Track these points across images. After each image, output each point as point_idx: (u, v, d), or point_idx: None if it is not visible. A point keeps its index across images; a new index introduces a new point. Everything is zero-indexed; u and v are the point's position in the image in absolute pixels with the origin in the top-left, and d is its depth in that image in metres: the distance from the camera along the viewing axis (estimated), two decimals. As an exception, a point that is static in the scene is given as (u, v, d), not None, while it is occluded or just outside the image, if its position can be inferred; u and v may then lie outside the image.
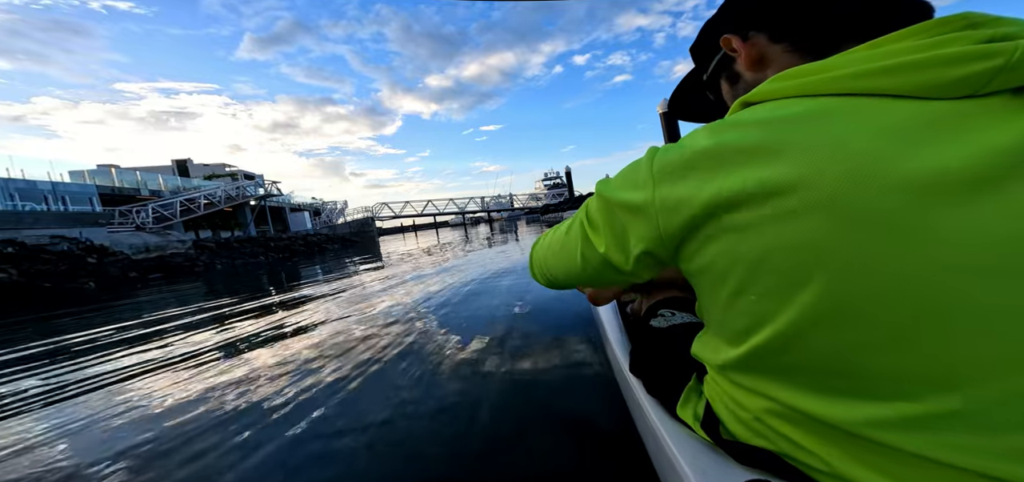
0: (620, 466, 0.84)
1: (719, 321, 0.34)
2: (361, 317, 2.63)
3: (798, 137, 0.26)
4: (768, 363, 0.31)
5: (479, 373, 1.46)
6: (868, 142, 0.24)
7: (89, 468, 1.10)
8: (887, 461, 0.27)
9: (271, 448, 1.09)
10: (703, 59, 0.46)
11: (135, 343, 2.60)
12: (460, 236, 14.86)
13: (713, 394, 0.42)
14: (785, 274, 0.27)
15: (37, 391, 1.81)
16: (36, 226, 10.88)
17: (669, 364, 0.58)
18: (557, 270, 0.49)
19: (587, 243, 0.40)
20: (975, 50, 0.24)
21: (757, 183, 0.27)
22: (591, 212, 0.39)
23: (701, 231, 0.30)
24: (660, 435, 0.50)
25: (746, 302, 0.30)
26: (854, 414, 0.27)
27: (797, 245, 0.26)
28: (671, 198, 0.30)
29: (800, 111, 0.27)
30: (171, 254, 10.69)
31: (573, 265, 0.43)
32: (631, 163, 0.36)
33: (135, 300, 5.10)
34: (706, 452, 0.43)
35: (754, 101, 0.32)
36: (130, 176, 19.78)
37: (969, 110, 0.24)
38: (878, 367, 0.26)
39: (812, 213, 0.25)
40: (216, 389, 1.57)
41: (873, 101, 0.26)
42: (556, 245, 0.48)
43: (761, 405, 0.34)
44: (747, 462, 0.38)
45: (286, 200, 25.31)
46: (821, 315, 0.26)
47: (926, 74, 0.24)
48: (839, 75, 0.27)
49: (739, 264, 0.29)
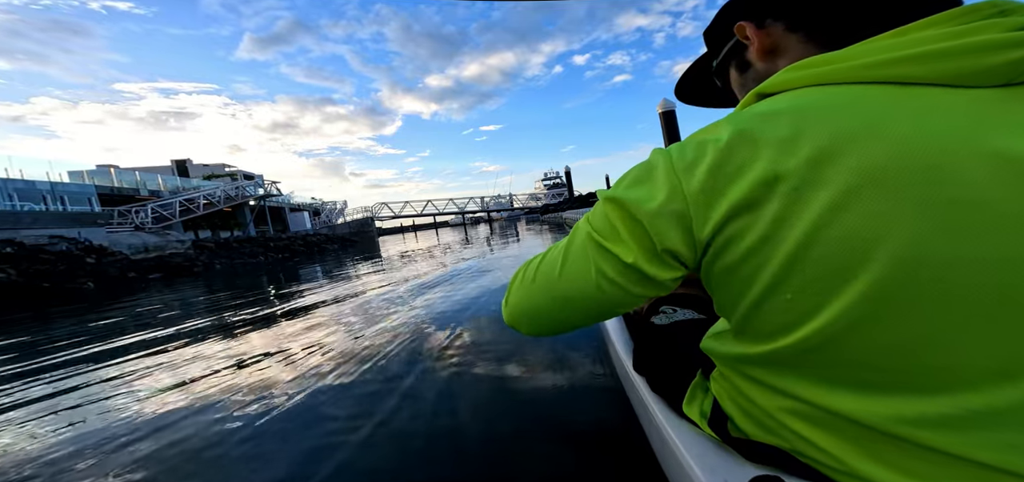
0: (625, 465, 0.83)
1: (744, 319, 0.32)
2: (360, 318, 2.62)
3: (834, 125, 0.25)
4: (797, 360, 0.30)
5: (481, 372, 1.45)
6: (918, 125, 0.23)
7: (90, 471, 1.09)
8: (912, 459, 0.26)
9: (273, 447, 1.08)
10: (715, 45, 0.45)
11: (137, 344, 2.59)
12: (460, 236, 14.87)
13: (721, 391, 0.41)
14: (829, 266, 0.25)
15: (40, 394, 1.79)
16: (35, 226, 10.87)
17: (673, 361, 0.57)
18: (557, 308, 0.39)
19: (606, 258, 0.34)
20: (1010, 37, 0.23)
21: (791, 176, 0.25)
22: (603, 224, 0.35)
23: (729, 227, 0.28)
24: (666, 433, 0.49)
25: (780, 300, 0.28)
26: (888, 411, 0.26)
27: (844, 235, 0.24)
28: (699, 195, 0.29)
29: (828, 99, 0.26)
30: (170, 254, 10.67)
31: (586, 293, 0.36)
32: (639, 166, 0.34)
33: (135, 300, 5.09)
34: (713, 449, 0.42)
35: (770, 91, 0.31)
36: (129, 176, 19.77)
37: (1008, 97, 0.23)
38: (925, 361, 0.25)
39: (861, 200, 0.24)
40: (216, 390, 1.56)
41: (911, 89, 0.25)
42: (551, 279, 0.38)
43: (777, 403, 0.33)
44: (756, 459, 0.37)
45: (286, 200, 25.31)
46: (870, 309, 0.25)
47: (959, 62, 0.24)
48: (865, 63, 0.26)
49: (772, 260, 0.27)
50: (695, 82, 0.53)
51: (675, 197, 0.30)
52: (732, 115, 0.31)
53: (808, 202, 0.25)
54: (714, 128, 0.30)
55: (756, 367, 0.34)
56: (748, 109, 0.30)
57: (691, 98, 0.57)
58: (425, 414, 1.19)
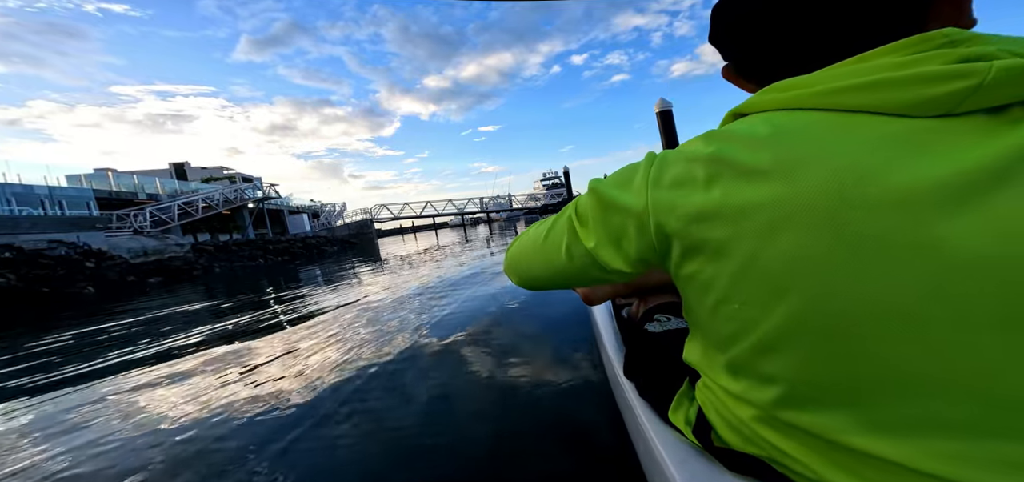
0: (610, 469, 0.85)
1: (705, 326, 0.35)
2: (359, 320, 2.63)
3: (783, 151, 0.27)
4: (751, 370, 0.32)
5: (471, 374, 1.47)
6: (850, 156, 0.25)
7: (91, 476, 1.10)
8: (868, 468, 0.27)
9: (274, 449, 1.09)
10: None
11: (147, 352, 2.59)
12: (459, 237, 14.83)
13: (705, 400, 0.42)
14: (766, 283, 0.27)
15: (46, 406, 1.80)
16: (33, 231, 10.83)
17: (663, 369, 0.58)
18: (537, 268, 0.47)
19: (574, 238, 0.39)
20: (950, 69, 0.24)
21: (742, 195, 0.27)
22: (582, 208, 0.39)
23: (689, 238, 0.30)
24: (651, 439, 0.50)
25: (729, 309, 0.30)
26: (832, 422, 0.28)
27: (778, 255, 0.26)
28: (664, 203, 0.31)
29: (786, 125, 0.28)
30: (169, 257, 10.65)
31: (556, 261, 0.42)
32: (628, 165, 0.36)
33: (136, 305, 5.08)
34: (696, 457, 0.43)
35: (745, 112, 0.33)
36: (127, 180, 19.70)
37: (944, 128, 0.24)
38: (853, 375, 0.26)
39: (793, 225, 0.25)
40: (217, 393, 1.57)
41: (856, 116, 0.26)
42: (537, 242, 0.46)
43: (749, 413, 0.34)
44: (737, 468, 0.39)
45: (284, 203, 25.22)
46: (795, 329, 0.27)
47: (903, 92, 0.25)
48: (824, 90, 0.27)
49: (723, 272, 0.29)
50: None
51: (638, 201, 0.33)
52: (710, 132, 0.33)
53: (754, 221, 0.27)
54: (694, 143, 0.32)
55: (724, 376, 0.36)
56: (723, 128, 0.32)
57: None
58: (417, 414, 1.21)
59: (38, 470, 1.16)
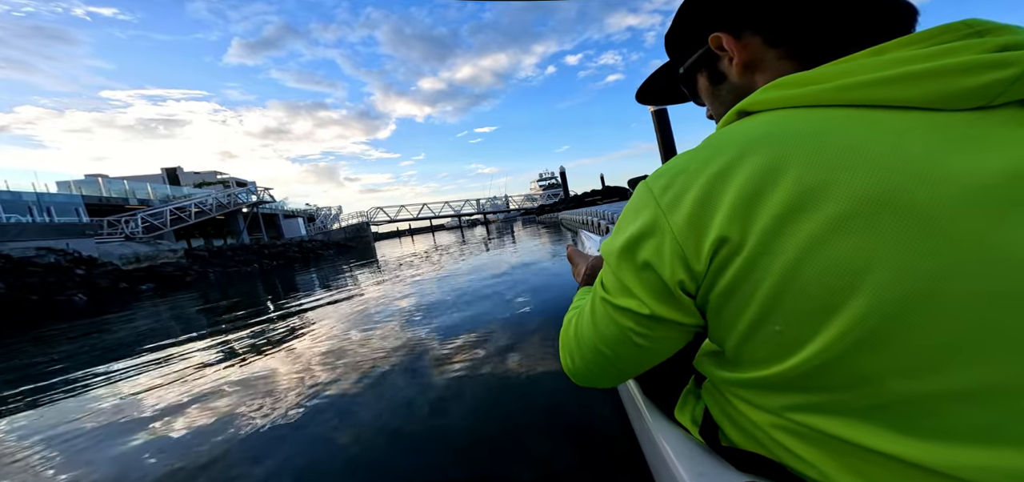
0: (616, 468, 0.84)
1: (736, 348, 0.31)
2: (358, 322, 2.60)
3: (816, 155, 0.24)
4: (786, 386, 0.30)
5: (476, 374, 1.46)
6: (889, 153, 0.23)
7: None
8: (899, 478, 0.26)
9: (276, 449, 1.07)
10: (681, 51, 0.42)
11: (143, 362, 2.55)
12: (457, 239, 14.79)
13: (711, 401, 0.41)
14: (814, 299, 0.25)
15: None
16: (20, 238, 10.64)
17: (667, 367, 0.57)
18: (617, 360, 0.38)
19: (626, 316, 0.33)
20: (988, 59, 0.22)
21: (774, 208, 0.25)
22: (611, 282, 0.34)
23: (717, 259, 0.28)
24: (657, 438, 0.50)
25: (769, 331, 0.28)
26: (877, 433, 0.26)
27: (827, 268, 0.24)
28: (687, 230, 0.28)
29: (807, 124, 0.26)
30: (162, 264, 10.51)
31: (626, 348, 0.35)
32: (627, 212, 0.34)
33: (128, 313, 5.00)
34: (703, 456, 0.43)
35: (751, 110, 0.31)
36: (118, 185, 19.43)
37: (982, 121, 0.23)
38: (912, 388, 0.24)
39: (840, 232, 0.23)
40: (217, 396, 1.55)
41: (879, 112, 0.25)
42: (592, 341, 0.38)
43: (766, 419, 0.33)
44: (745, 468, 0.38)
45: (279, 207, 25.02)
46: (857, 340, 0.25)
47: (936, 84, 0.23)
48: (843, 85, 0.26)
49: (758, 292, 0.27)
50: (658, 85, 0.51)
51: (665, 235, 0.29)
52: (714, 139, 0.30)
53: (789, 235, 0.25)
54: (696, 156, 0.29)
55: (747, 390, 0.34)
56: (729, 131, 0.30)
57: (651, 99, 0.54)
58: (421, 416, 1.20)
59: None
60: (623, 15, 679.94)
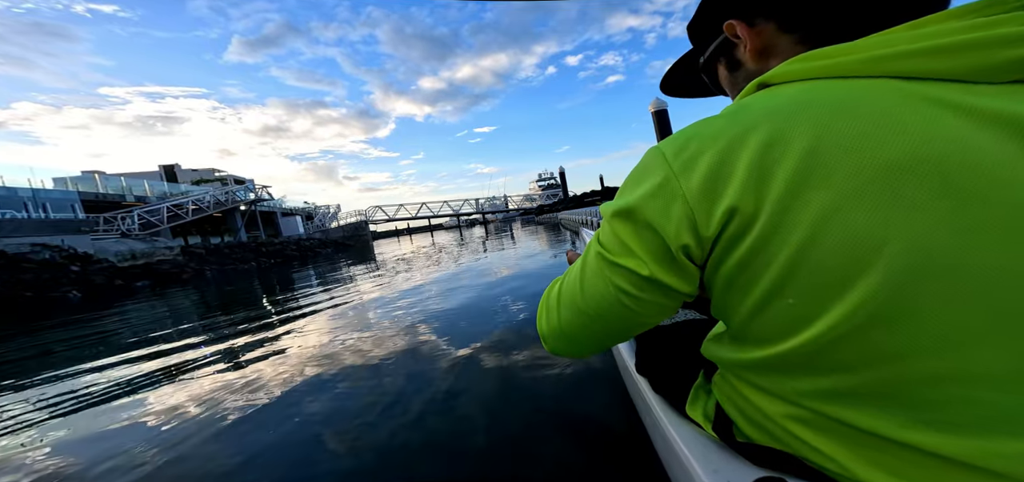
0: (629, 466, 0.83)
1: (744, 323, 0.31)
2: (357, 322, 2.59)
3: (833, 121, 0.24)
4: (797, 365, 0.29)
5: (483, 373, 1.45)
6: (923, 124, 0.22)
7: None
8: (917, 468, 0.25)
9: (276, 449, 1.06)
10: (701, 40, 0.42)
11: (137, 358, 2.53)
12: (455, 238, 14.82)
13: (723, 394, 0.40)
14: (831, 270, 0.24)
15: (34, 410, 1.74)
16: (16, 234, 10.56)
17: (676, 361, 0.57)
18: (592, 324, 0.37)
19: (622, 275, 0.32)
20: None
21: (792, 177, 0.24)
22: (611, 241, 0.33)
23: (730, 228, 0.27)
24: (669, 434, 0.48)
25: (782, 304, 0.27)
26: (892, 418, 0.26)
27: (846, 238, 0.23)
28: (700, 195, 0.27)
29: (833, 94, 0.25)
30: (158, 260, 10.47)
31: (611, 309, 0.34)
32: (635, 172, 0.32)
33: (122, 310, 4.97)
34: (717, 451, 0.42)
35: (772, 82, 0.30)
36: (115, 182, 19.33)
37: (1020, 93, 0.23)
38: (932, 367, 0.24)
39: (860, 202, 0.23)
40: (217, 397, 1.52)
41: (910, 83, 0.24)
42: (574, 301, 0.37)
43: (780, 408, 0.32)
44: (759, 461, 0.37)
45: (277, 205, 24.98)
46: (873, 313, 0.24)
47: (975, 56, 0.23)
48: (877, 56, 0.25)
49: (773, 264, 0.26)
50: (681, 76, 0.51)
51: (675, 198, 0.28)
52: (731, 108, 0.29)
53: (807, 203, 0.24)
54: (711, 123, 0.29)
55: (756, 372, 0.33)
56: (747, 101, 0.29)
57: (678, 91, 0.55)
58: (432, 413, 1.18)
59: None
60: (624, 16, 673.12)
